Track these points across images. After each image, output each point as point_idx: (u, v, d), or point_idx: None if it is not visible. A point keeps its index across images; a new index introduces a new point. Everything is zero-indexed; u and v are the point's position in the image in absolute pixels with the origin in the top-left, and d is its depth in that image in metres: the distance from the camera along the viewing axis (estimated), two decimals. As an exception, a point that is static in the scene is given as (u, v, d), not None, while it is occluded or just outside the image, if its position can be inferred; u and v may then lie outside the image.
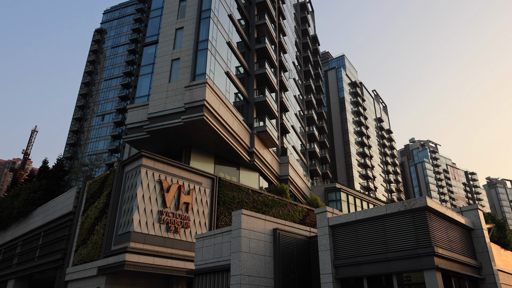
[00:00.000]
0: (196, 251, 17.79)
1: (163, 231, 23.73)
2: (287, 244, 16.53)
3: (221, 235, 16.88)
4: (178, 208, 24.93)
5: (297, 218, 32.61)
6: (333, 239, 14.35)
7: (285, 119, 44.60)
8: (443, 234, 12.75)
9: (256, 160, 34.09)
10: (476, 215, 14.85)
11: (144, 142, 30.41)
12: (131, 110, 31.10)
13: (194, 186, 26.46)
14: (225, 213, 27.67)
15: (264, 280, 15.15)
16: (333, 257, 14.03)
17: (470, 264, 13.52)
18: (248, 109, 36.07)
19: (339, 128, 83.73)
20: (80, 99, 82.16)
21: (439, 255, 11.80)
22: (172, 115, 28.03)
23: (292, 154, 45.42)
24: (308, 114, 58.07)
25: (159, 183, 24.49)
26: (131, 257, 21.75)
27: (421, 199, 12.29)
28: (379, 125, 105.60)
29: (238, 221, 15.46)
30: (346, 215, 14.26)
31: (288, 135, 45.37)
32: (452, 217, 13.41)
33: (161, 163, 25.10)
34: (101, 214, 26.11)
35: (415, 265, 11.89)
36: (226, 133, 29.83)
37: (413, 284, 12.26)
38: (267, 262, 15.64)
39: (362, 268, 13.15)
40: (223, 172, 32.47)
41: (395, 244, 12.55)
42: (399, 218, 12.74)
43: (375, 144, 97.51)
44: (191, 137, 29.59)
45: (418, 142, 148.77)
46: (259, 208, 29.81)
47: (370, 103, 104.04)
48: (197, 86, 27.52)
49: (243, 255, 14.78)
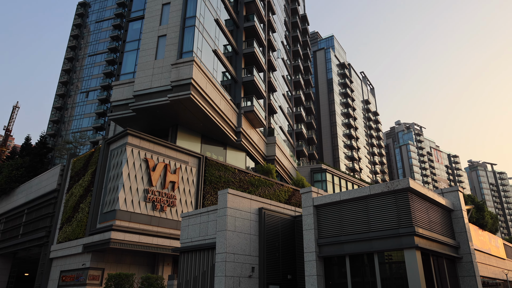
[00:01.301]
0: (182, 229, 17.90)
1: (149, 209, 23.76)
2: (272, 223, 16.76)
3: (207, 213, 17.00)
4: (164, 187, 24.91)
5: (283, 198, 32.99)
6: (318, 218, 14.59)
7: (273, 99, 44.46)
8: (423, 215, 13.08)
9: (243, 140, 34.09)
10: (456, 197, 15.24)
11: (129, 120, 30.02)
12: (116, 87, 30.54)
13: (180, 165, 26.40)
14: (212, 192, 27.79)
15: (249, 258, 15.40)
16: (317, 236, 14.30)
17: (449, 243, 13.96)
18: (236, 89, 35.79)
19: (326, 109, 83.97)
20: (63, 75, 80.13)
21: (419, 235, 12.13)
22: (159, 93, 27.64)
23: (279, 135, 45.53)
24: (296, 95, 57.98)
25: (145, 161, 24.36)
26: (117, 235, 21.79)
27: (403, 181, 12.53)
28: (366, 107, 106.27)
29: (224, 200, 15.56)
30: (331, 195, 14.48)
31: (275, 116, 45.34)
32: (433, 198, 13.74)
33: (147, 142, 24.90)
34: (86, 192, 25.95)
35: (396, 244, 12.22)
36: (213, 113, 29.64)
37: (394, 262, 12.62)
38: (252, 241, 15.87)
39: (345, 247, 13.46)
40: (209, 152, 32.43)
41: (378, 224, 12.83)
42: (382, 199, 13.00)
43: (362, 126, 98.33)
44: (178, 116, 29.32)
45: (403, 124, 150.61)
46: (246, 187, 30.01)
47: (357, 85, 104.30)
48: (184, 64, 27.09)
49: (229, 234, 14.95)
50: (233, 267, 14.63)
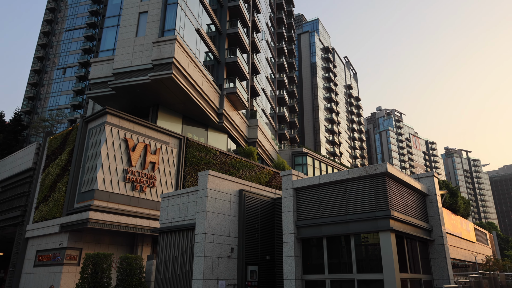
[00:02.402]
0: (162, 210, 17.85)
1: (128, 189, 23.54)
2: (252, 205, 16.88)
3: (187, 194, 16.97)
4: (144, 167, 24.67)
5: (264, 181, 33.21)
6: (297, 201, 14.77)
7: (256, 81, 44.21)
8: (399, 199, 13.40)
9: (225, 122, 33.92)
10: (432, 182, 15.65)
11: (109, 98, 29.37)
12: (95, 64, 29.70)
13: (161, 145, 26.13)
14: (192, 173, 27.70)
15: (228, 239, 15.53)
16: (296, 218, 14.50)
17: (422, 226, 14.40)
18: (219, 70, 35.38)
19: (309, 93, 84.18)
20: (39, 49, 77.26)
21: (395, 218, 12.45)
22: (139, 71, 27.05)
23: (261, 117, 45.50)
24: (279, 78, 57.79)
25: (125, 141, 23.99)
26: (95, 215, 21.57)
27: (381, 165, 12.75)
28: (348, 92, 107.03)
29: (204, 181, 15.54)
30: (310, 178, 14.64)
31: (258, 98, 45.18)
32: (409, 183, 14.07)
33: (127, 121, 24.47)
34: (63, 171, 25.46)
35: (372, 226, 12.51)
36: (195, 93, 29.28)
37: (369, 244, 12.95)
38: (232, 222, 15.98)
39: (323, 229, 13.71)
40: (191, 133, 32.18)
41: (355, 207, 13.09)
42: (360, 183, 13.22)
43: (343, 110, 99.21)
44: (159, 95, 28.84)
45: (384, 110, 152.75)
46: (227, 169, 30.03)
47: (341, 70, 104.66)
48: (166, 43, 26.51)
49: (208, 215, 14.99)
50: (213, 247, 14.74)
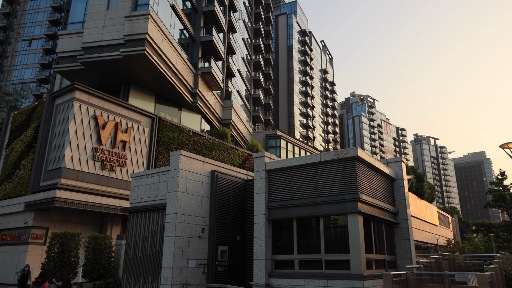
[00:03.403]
0: (132, 189, 17.57)
1: (97, 168, 23.00)
2: (224, 186, 16.87)
3: (158, 174, 16.74)
4: (115, 146, 24.12)
5: (237, 162, 33.25)
6: (269, 183, 14.86)
7: (232, 62, 43.67)
8: (368, 182, 13.73)
9: (199, 102, 33.48)
10: (400, 167, 16.10)
11: (78, 73, 28.28)
12: (63, 37, 28.40)
13: (132, 124, 25.56)
14: (164, 153, 27.34)
15: (199, 219, 15.52)
16: (267, 200, 14.63)
17: (389, 209, 14.86)
18: (194, 48, 34.65)
19: (285, 76, 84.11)
20: (2, 19, 73.05)
21: (363, 201, 12.76)
22: (110, 46, 26.10)
23: (236, 99, 45.18)
24: (255, 59, 57.31)
25: (94, 119, 23.29)
26: (62, 193, 21.02)
27: (352, 149, 12.96)
28: (323, 76, 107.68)
29: (176, 161, 15.35)
30: (283, 160, 14.73)
31: (233, 79, 44.74)
32: (378, 167, 14.41)
33: (97, 98, 23.71)
34: (28, 148, 24.54)
35: (341, 209, 12.79)
36: (169, 72, 28.63)
37: (338, 226, 13.26)
38: (204, 203, 15.95)
39: (293, 211, 13.91)
40: (163, 112, 31.60)
41: (325, 190, 13.32)
42: (331, 166, 13.42)
43: (318, 95, 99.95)
44: (131, 72, 28.02)
45: (358, 96, 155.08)
46: (200, 150, 29.82)
47: (317, 54, 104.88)
48: (139, 18, 25.61)
49: (180, 195, 14.89)
50: (183, 227, 14.70)
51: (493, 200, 45.14)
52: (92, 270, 17.40)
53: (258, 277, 13.74)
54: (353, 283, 11.83)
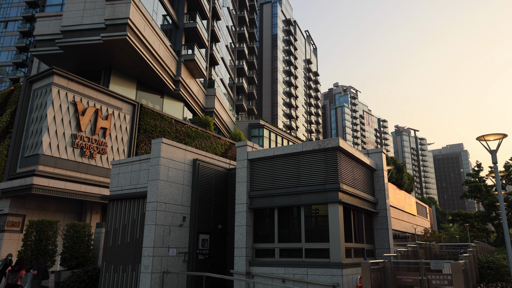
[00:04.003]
0: (112, 177, 17.31)
1: (76, 155, 22.55)
2: (206, 174, 16.80)
3: (139, 162, 16.53)
4: (95, 133, 23.66)
5: (219, 151, 33.14)
6: (251, 172, 14.87)
7: (215, 49, 43.19)
8: (349, 173, 13.89)
9: (182, 90, 33.07)
10: (380, 158, 16.33)
11: (56, 58, 27.49)
12: (41, 19, 27.47)
13: (113, 111, 25.08)
14: (146, 141, 26.99)
15: (180, 208, 15.44)
16: (249, 189, 14.65)
17: (368, 199, 15.10)
18: (177, 35, 34.07)
19: (269, 65, 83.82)
20: (-22, -1, 70.22)
21: (343, 191, 12.92)
22: (90, 31, 25.40)
23: (220, 87, 44.83)
24: (239, 48, 56.84)
25: (73, 104, 22.74)
26: (40, 180, 20.55)
27: (334, 140, 13.06)
28: (307, 66, 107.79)
29: (157, 149, 15.18)
30: (265, 150, 14.74)
31: (217, 67, 44.31)
32: (359, 157, 14.58)
33: (76, 83, 23.13)
34: (4, 134, 23.82)
35: (322, 198, 12.92)
36: (151, 58, 28.11)
37: (318, 216, 13.40)
38: (185, 191, 15.86)
39: (275, 200, 13.98)
40: (145, 99, 31.11)
41: (307, 180, 13.41)
42: (313, 156, 13.50)
43: (302, 85, 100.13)
44: (112, 58, 27.40)
45: (341, 87, 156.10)
46: (182, 138, 29.56)
47: (301, 44, 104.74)
48: (120, 2, 24.95)
49: (161, 183, 14.76)
50: (164, 216, 14.61)
51: (469, 191, 46.46)
52: (70, 258, 17.17)
53: (239, 265, 13.83)
54: (332, 271, 12.03)
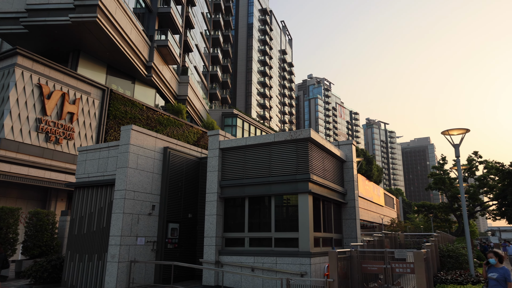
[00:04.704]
0: (79, 164, 16.77)
1: (41, 141, 21.69)
2: (177, 163, 16.57)
3: (108, 149, 16.08)
4: (61, 118, 22.80)
5: (191, 140, 32.78)
6: (222, 161, 14.78)
7: (190, 36, 42.40)
8: (320, 163, 14.04)
9: (154, 76, 32.33)
10: (350, 149, 16.60)
11: (20, 37, 26.17)
12: (5, -4, 26.00)
13: (81, 95, 24.22)
14: (115, 127, 26.29)
15: (150, 196, 15.18)
16: (220, 178, 14.57)
17: (338, 190, 15.35)
18: (150, 19, 33.16)
19: (244, 54, 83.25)
20: None
21: (314, 181, 13.06)
22: (58, 10, 24.29)
23: (193, 75, 44.15)
24: (214, 35, 56.06)
25: (38, 87, 21.78)
26: (1, 166, 19.66)
27: (305, 131, 13.13)
28: (282, 57, 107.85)
29: (127, 136, 14.80)
30: (237, 139, 14.66)
31: (191, 54, 43.56)
32: (330, 149, 14.76)
33: (42, 65, 22.13)
34: (-38, 116, 22.55)
35: (292, 188, 13.02)
36: (122, 42, 27.25)
37: (289, 205, 13.52)
38: (155, 179, 15.59)
39: (246, 189, 13.97)
40: (116, 84, 30.22)
41: (278, 170, 13.47)
42: (284, 147, 13.55)
43: (276, 75, 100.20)
44: (81, 40, 26.36)
45: (315, 78, 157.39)
46: (153, 126, 28.99)
47: (277, 34, 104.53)
48: (91, -18, 23.94)
49: (130, 171, 14.42)
50: (133, 204, 14.33)
51: (434, 183, 48.21)
52: (33, 247, 16.60)
53: (208, 254, 13.79)
54: (301, 260, 12.19)
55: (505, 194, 37.00)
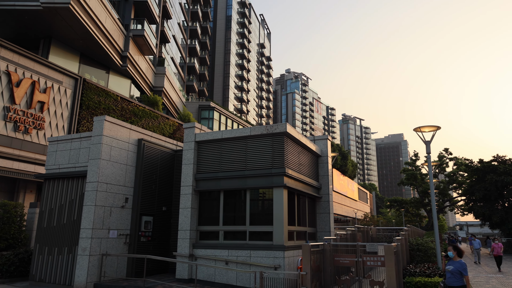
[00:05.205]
0: (49, 154, 16.27)
1: (9, 130, 20.87)
2: (151, 155, 16.32)
3: (80, 140, 15.66)
4: (31, 107, 21.99)
5: (167, 132, 32.33)
6: (198, 154, 14.66)
7: (167, 27, 41.64)
8: (295, 158, 14.13)
9: (129, 66, 31.62)
10: (325, 144, 16.79)
11: (-12, 22, 25.01)
12: (-29, -22, 24.72)
13: (52, 84, 23.41)
14: (88, 118, 25.60)
15: (123, 189, 14.91)
16: (195, 171, 14.46)
17: (313, 184, 15.52)
18: (125, 8, 32.33)
19: (222, 47, 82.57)
20: None
21: (289, 176, 13.14)
22: (28, -5, 23.31)
23: (170, 66, 43.47)
24: (192, 27, 55.28)
25: (7, 74, 20.90)
26: (-34, 155, 18.83)
27: (281, 125, 13.17)
28: (260, 51, 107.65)
29: (100, 127, 14.45)
30: (213, 132, 14.56)
31: (168, 45, 42.82)
32: (305, 143, 14.87)
33: (11, 52, 21.22)
34: None
35: (267, 182, 13.06)
36: (96, 30, 26.48)
37: (265, 199, 13.56)
38: (129, 172, 15.31)
39: (221, 183, 13.92)
40: (89, 74, 29.38)
41: (254, 163, 13.47)
42: (260, 140, 13.56)
43: (254, 69, 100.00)
44: (53, 27, 25.43)
45: (293, 73, 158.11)
46: (128, 117, 28.40)
47: (255, 27, 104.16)
48: (63, -34, 23.08)
49: (103, 163, 14.10)
50: (105, 196, 14.03)
51: (406, 178, 49.48)
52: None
53: (182, 247, 13.70)
54: (275, 253, 12.28)
55: (473, 190, 38.42)
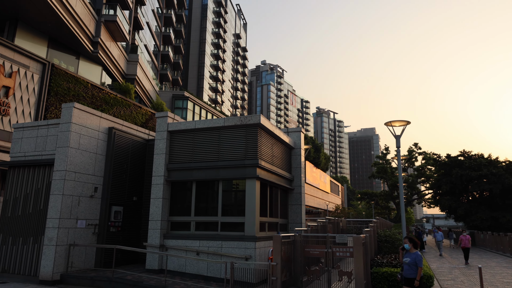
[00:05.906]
0: (14, 141, 15.66)
1: (-29, 115, 19.91)
2: (122, 144, 15.99)
3: (47, 127, 15.14)
4: (-6, 92, 21.01)
5: (140, 121, 31.72)
6: (170, 144, 14.49)
7: (140, 13, 40.60)
8: (268, 149, 14.20)
9: (101, 52, 30.69)
10: (298, 137, 16.94)
11: None
12: None
13: (18, 68, 22.43)
14: (57, 105, 24.73)
15: (92, 178, 14.56)
16: (168, 161, 14.29)
17: (285, 176, 15.66)
18: (98, -9, 31.23)
19: (197, 36, 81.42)
20: None
21: (262, 167, 13.20)
22: (-8, -26, 22.12)
23: (143, 54, 42.51)
24: (167, 14, 54.14)
25: (-32, 57, 19.86)
26: None
27: (255, 117, 13.18)
28: (236, 41, 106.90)
29: (68, 114, 14.00)
30: (186, 122, 14.41)
31: (141, 32, 41.80)
32: (278, 135, 14.96)
33: (-28, 33, 20.15)
34: None
35: (240, 173, 13.08)
36: (66, 14, 25.49)
37: (237, 190, 13.58)
38: (98, 161, 14.95)
39: (194, 173, 13.83)
40: (58, 59, 28.33)
41: (227, 154, 13.44)
42: (234, 131, 13.52)
43: (229, 59, 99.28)
44: (19, 9, 24.28)
45: (268, 65, 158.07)
46: (99, 105, 27.64)
47: (231, 17, 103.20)
48: None
49: (71, 151, 13.70)
50: (73, 185, 13.67)
51: (376, 172, 50.71)
52: (-40, 230, 15.34)
53: (153, 238, 13.56)
54: (246, 244, 12.36)
55: (440, 184, 39.88)
